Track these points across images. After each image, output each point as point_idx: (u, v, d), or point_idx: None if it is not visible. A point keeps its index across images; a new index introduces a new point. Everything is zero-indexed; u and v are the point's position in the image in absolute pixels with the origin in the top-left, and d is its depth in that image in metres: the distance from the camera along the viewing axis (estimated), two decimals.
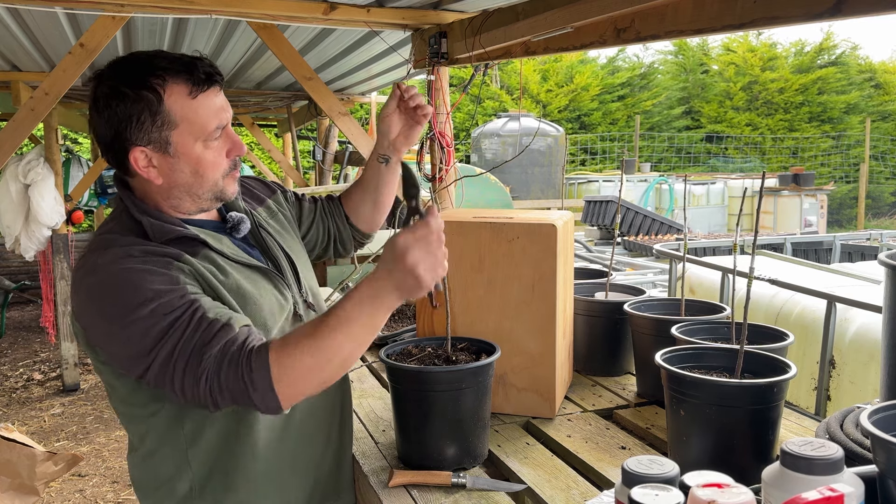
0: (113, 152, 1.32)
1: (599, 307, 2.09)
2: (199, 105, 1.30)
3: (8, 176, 5.67)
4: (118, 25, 3.17)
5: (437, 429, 1.50)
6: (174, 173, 1.32)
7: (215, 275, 1.33)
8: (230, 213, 1.46)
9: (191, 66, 1.29)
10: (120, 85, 1.28)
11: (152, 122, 1.28)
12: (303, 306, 1.51)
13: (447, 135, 3.45)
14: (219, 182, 1.36)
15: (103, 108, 1.29)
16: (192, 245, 1.34)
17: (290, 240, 1.60)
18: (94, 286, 1.26)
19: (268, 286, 1.42)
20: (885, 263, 1.46)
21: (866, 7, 1.46)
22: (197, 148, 1.31)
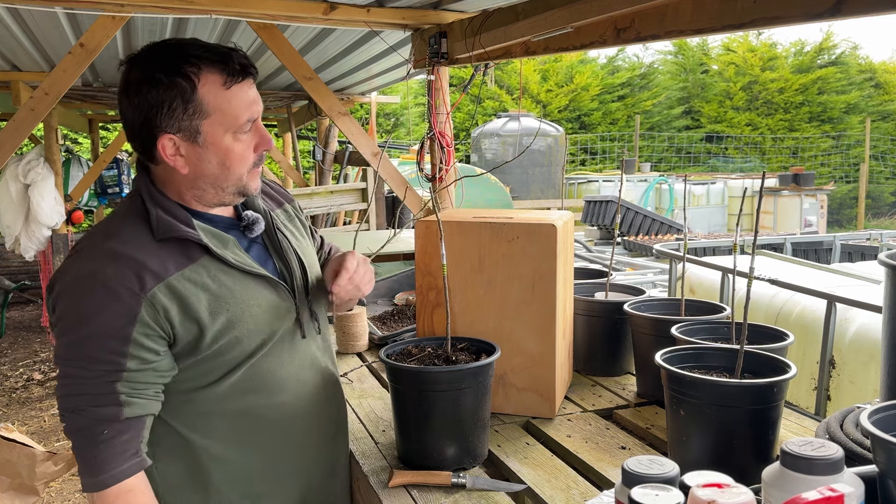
0: (140, 138, 1.30)
1: (599, 307, 2.09)
2: (233, 96, 1.28)
3: (8, 176, 5.67)
4: (118, 25, 3.16)
5: (437, 429, 1.50)
6: (201, 163, 1.31)
7: (207, 287, 1.31)
8: (246, 212, 1.44)
9: (226, 57, 1.28)
10: (154, 70, 1.26)
11: (184, 110, 1.26)
12: (306, 312, 1.49)
13: (447, 135, 3.45)
14: (243, 176, 1.35)
15: (134, 93, 1.27)
16: (193, 249, 1.32)
17: (307, 245, 1.57)
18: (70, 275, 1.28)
19: (268, 295, 1.39)
20: (885, 263, 1.46)
21: (866, 7, 1.46)
22: (227, 139, 1.30)
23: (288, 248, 1.48)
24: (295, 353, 1.45)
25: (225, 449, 1.39)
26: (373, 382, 2.14)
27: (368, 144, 3.90)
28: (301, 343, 1.47)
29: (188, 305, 1.28)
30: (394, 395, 1.56)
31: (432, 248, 1.79)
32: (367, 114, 10.26)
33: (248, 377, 1.38)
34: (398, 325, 2.56)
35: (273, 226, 1.47)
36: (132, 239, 1.29)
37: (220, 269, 1.33)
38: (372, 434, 1.75)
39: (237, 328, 1.34)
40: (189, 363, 1.34)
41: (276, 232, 1.47)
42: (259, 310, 1.37)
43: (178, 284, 1.28)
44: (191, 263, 1.30)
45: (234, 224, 1.42)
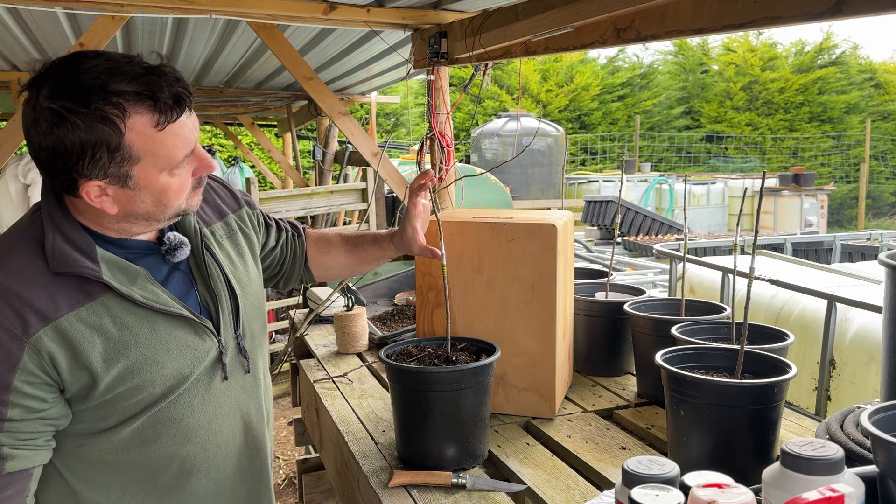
0: (59, 178, 1.12)
1: (599, 307, 2.09)
2: (167, 136, 1.11)
3: (8, 176, 5.67)
4: (118, 25, 3.16)
5: (438, 429, 1.49)
6: (133, 203, 1.15)
7: (105, 330, 1.15)
8: (169, 234, 1.26)
9: (155, 88, 1.08)
10: (68, 110, 1.05)
11: (110, 159, 1.09)
12: (233, 350, 1.32)
13: (447, 135, 3.45)
14: (182, 204, 1.21)
15: (45, 133, 1.08)
16: (92, 287, 1.15)
17: (241, 268, 1.39)
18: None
19: (182, 335, 1.23)
20: (885, 263, 1.46)
21: (866, 7, 1.46)
22: (161, 179, 1.14)
23: (217, 274, 1.30)
24: (210, 398, 1.29)
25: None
26: (373, 382, 2.14)
27: (368, 144, 3.90)
28: (220, 386, 1.30)
29: (78, 352, 1.13)
30: (394, 396, 1.56)
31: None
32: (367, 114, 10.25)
33: (149, 425, 1.23)
34: (398, 325, 2.56)
35: (202, 248, 1.29)
36: (21, 271, 1.12)
37: (123, 308, 1.17)
38: (372, 434, 1.75)
39: (137, 376, 1.18)
40: (82, 408, 1.19)
41: (203, 256, 1.29)
42: (168, 355, 1.21)
43: (69, 327, 1.12)
44: (89, 302, 1.14)
45: (152, 248, 1.25)
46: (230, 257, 1.37)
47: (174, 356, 1.22)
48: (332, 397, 2.01)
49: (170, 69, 1.12)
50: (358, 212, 7.52)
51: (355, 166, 7.79)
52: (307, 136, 9.88)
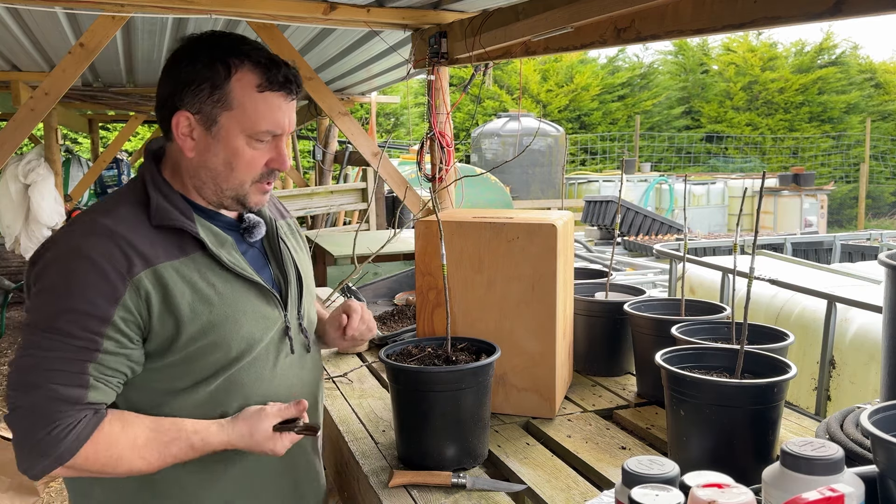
0: (163, 110, 1.29)
1: (599, 307, 2.09)
2: (262, 101, 1.25)
3: (8, 176, 5.67)
4: (118, 25, 3.17)
5: (437, 429, 1.49)
6: (207, 153, 1.27)
7: (194, 284, 1.25)
8: (247, 216, 1.39)
9: (273, 65, 1.26)
10: (200, 51, 1.26)
11: (209, 95, 1.24)
12: (296, 328, 1.42)
13: (447, 135, 3.45)
14: (245, 184, 1.30)
15: (173, 65, 1.27)
16: (187, 241, 1.27)
17: (305, 259, 1.53)
18: (58, 249, 1.22)
19: (256, 302, 1.33)
20: (885, 263, 1.46)
21: (866, 7, 1.46)
22: (239, 140, 1.27)
23: (287, 257, 1.43)
24: (277, 371, 1.38)
25: (184, 470, 1.29)
26: (373, 382, 2.14)
27: (368, 144, 3.90)
28: (285, 360, 1.39)
29: (170, 298, 1.23)
30: (394, 396, 1.56)
31: (432, 248, 1.79)
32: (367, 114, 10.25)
33: (222, 389, 1.30)
34: (398, 325, 2.56)
35: (275, 233, 1.43)
36: (127, 220, 1.24)
37: (210, 268, 1.28)
38: (372, 434, 1.75)
39: (216, 332, 1.27)
40: (162, 364, 1.26)
41: (277, 239, 1.42)
42: (244, 318, 1.30)
43: (166, 273, 1.23)
44: (182, 256, 1.26)
45: (234, 225, 1.38)
46: (296, 248, 1.50)
47: (249, 319, 1.31)
48: (332, 397, 2.01)
49: (293, 68, 1.29)
50: (358, 212, 7.53)
51: (355, 166, 7.80)
52: (307, 136, 9.88)
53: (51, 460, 1.16)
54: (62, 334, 1.17)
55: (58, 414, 1.16)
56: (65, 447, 1.16)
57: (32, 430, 1.16)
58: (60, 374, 1.17)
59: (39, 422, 1.16)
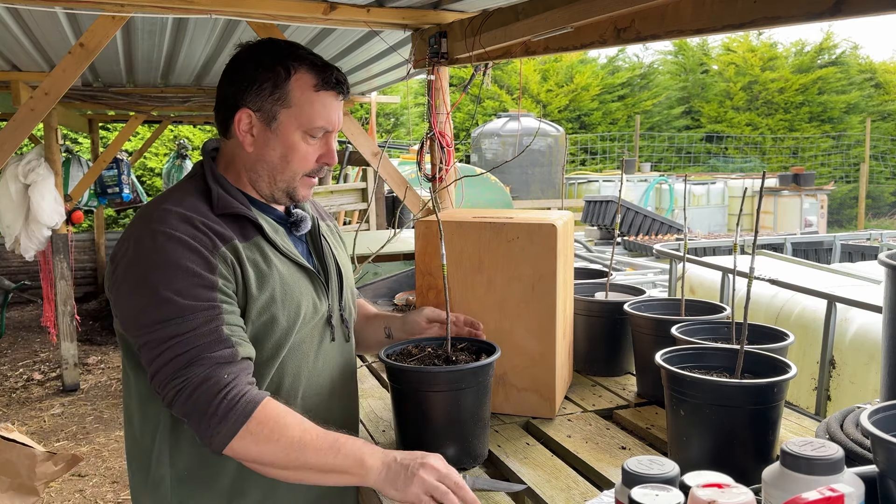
0: (224, 109, 1.40)
1: (599, 307, 2.09)
2: (317, 100, 1.37)
3: (8, 176, 5.67)
4: (118, 25, 3.16)
5: (437, 429, 1.49)
6: (266, 148, 1.38)
7: (257, 264, 1.35)
8: (295, 209, 1.51)
9: (327, 68, 1.39)
10: (261, 55, 1.38)
11: (271, 93, 1.36)
12: (338, 318, 1.52)
13: (447, 135, 3.45)
14: (297, 177, 1.41)
15: (237, 68, 1.39)
16: (248, 228, 1.38)
17: (344, 256, 1.64)
18: (141, 237, 1.30)
19: (308, 287, 1.44)
20: (885, 263, 1.46)
21: (866, 7, 1.46)
22: (296, 136, 1.38)
23: (329, 253, 1.54)
24: (320, 354, 1.47)
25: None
26: (373, 382, 2.14)
27: (368, 144, 3.90)
28: (328, 346, 1.50)
29: (244, 272, 1.33)
30: (394, 396, 1.56)
31: (432, 248, 1.79)
32: (367, 114, 10.25)
33: (277, 370, 1.39)
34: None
35: (318, 229, 1.53)
36: (195, 208, 1.34)
37: (269, 251, 1.39)
38: (372, 434, 1.75)
39: (276, 308, 1.36)
40: None
41: (320, 236, 1.53)
42: (301, 297, 1.41)
43: (239, 250, 1.33)
44: (245, 241, 1.36)
45: (283, 219, 1.49)
46: (335, 246, 1.61)
47: (304, 300, 1.42)
48: None
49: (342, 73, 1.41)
50: (358, 212, 7.53)
51: (355, 166, 7.79)
52: None
53: (229, 425, 1.20)
54: (185, 312, 1.24)
55: (224, 378, 1.23)
56: (239, 410, 1.21)
57: (207, 400, 1.21)
58: (207, 343, 1.24)
59: (211, 389, 1.22)
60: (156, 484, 1.39)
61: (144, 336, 1.25)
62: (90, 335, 7.37)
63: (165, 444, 1.37)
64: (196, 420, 1.22)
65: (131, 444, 1.45)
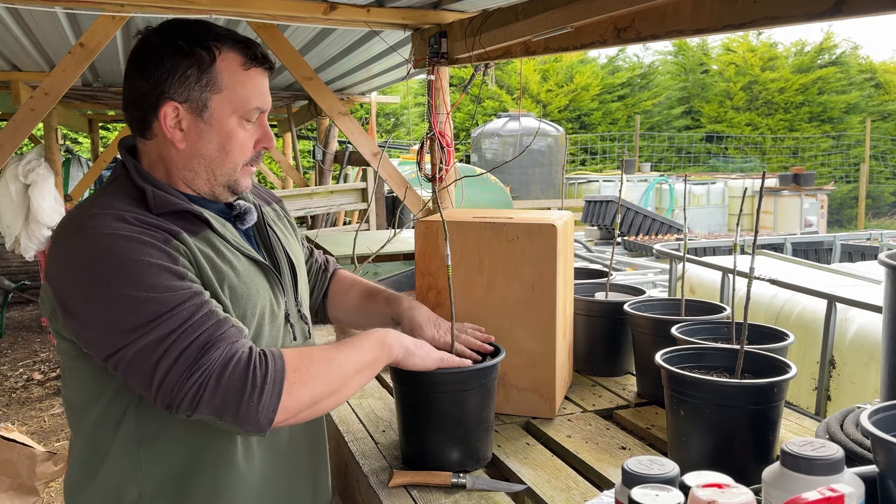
0: (142, 106, 1.24)
1: (599, 307, 2.09)
2: (248, 79, 1.26)
3: (8, 176, 5.67)
4: (118, 25, 3.17)
5: (441, 431, 1.49)
6: (200, 141, 1.25)
7: (211, 260, 1.23)
8: (238, 202, 1.37)
9: (249, 42, 1.28)
10: (176, 38, 1.23)
11: (197, 80, 1.22)
12: (296, 315, 1.42)
13: (447, 135, 3.45)
14: (237, 168, 1.29)
15: (149, 57, 1.23)
16: (194, 223, 1.25)
17: (294, 245, 1.52)
18: (79, 248, 1.14)
19: (264, 284, 1.32)
20: (885, 263, 1.46)
21: (866, 7, 1.46)
22: (232, 121, 1.26)
23: (277, 244, 1.43)
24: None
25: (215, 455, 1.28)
26: (373, 382, 2.14)
27: (368, 144, 3.90)
28: (291, 346, 1.38)
29: (200, 267, 1.21)
30: (397, 397, 1.56)
31: (432, 248, 1.79)
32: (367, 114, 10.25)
33: None
34: None
35: (263, 220, 1.42)
36: (129, 209, 1.19)
37: (222, 245, 1.27)
38: (372, 434, 1.75)
39: (235, 305, 1.25)
40: None
41: (266, 227, 1.42)
42: (257, 294, 1.30)
43: (191, 244, 1.21)
44: (193, 236, 1.23)
45: (225, 212, 1.35)
46: (283, 233, 1.50)
47: (261, 298, 1.31)
48: None
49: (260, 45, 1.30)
50: (358, 212, 7.53)
51: (355, 166, 7.79)
52: (307, 136, 9.88)
53: (271, 393, 1.11)
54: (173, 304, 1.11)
55: (245, 351, 1.13)
56: (273, 372, 1.12)
57: (239, 379, 1.10)
58: (212, 325, 1.13)
59: (238, 366, 1.10)
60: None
61: (130, 347, 1.10)
62: None
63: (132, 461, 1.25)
64: (234, 407, 1.09)
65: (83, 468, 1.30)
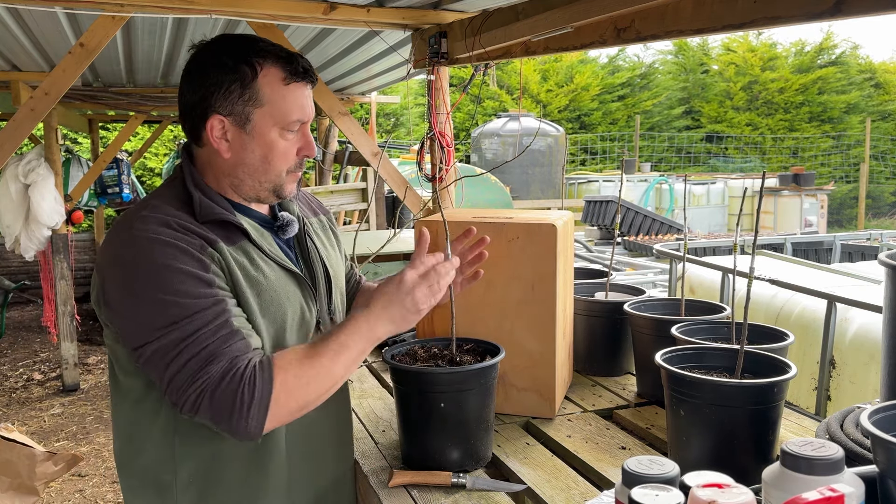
0: (192, 117, 1.33)
1: (599, 307, 2.09)
2: (289, 93, 1.32)
3: (8, 176, 5.66)
4: (118, 25, 3.16)
5: (441, 431, 1.49)
6: (244, 151, 1.33)
7: (244, 268, 1.31)
8: (282, 213, 1.46)
9: (292, 57, 1.33)
10: (222, 55, 1.31)
11: (240, 95, 1.30)
12: (327, 323, 1.48)
13: (447, 135, 3.44)
14: (282, 174, 1.36)
15: (198, 72, 1.32)
16: (233, 232, 1.33)
17: (335, 257, 1.58)
18: (125, 246, 1.25)
19: (296, 293, 1.40)
20: (885, 263, 1.46)
21: (866, 7, 1.46)
22: (273, 133, 1.33)
23: (315, 256, 1.49)
24: None
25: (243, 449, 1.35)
26: (373, 382, 2.14)
27: (368, 144, 3.90)
28: None
29: (233, 275, 1.29)
30: (397, 397, 1.56)
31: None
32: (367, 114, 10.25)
33: None
34: None
35: (305, 232, 1.48)
36: (176, 215, 1.29)
37: (258, 255, 1.35)
38: (372, 434, 1.75)
39: (263, 311, 1.33)
40: None
41: (306, 238, 1.48)
42: (288, 303, 1.37)
43: (226, 253, 1.29)
44: (231, 245, 1.32)
45: (268, 222, 1.44)
46: (325, 245, 1.55)
47: (291, 307, 1.38)
48: None
49: (305, 58, 1.36)
50: (358, 212, 7.52)
51: (355, 166, 7.79)
52: None
53: (258, 405, 1.19)
54: (193, 311, 1.21)
55: (241, 367, 1.20)
56: (261, 386, 1.19)
57: (232, 392, 1.18)
58: (220, 338, 1.21)
59: (233, 382, 1.19)
60: (160, 493, 1.36)
61: (150, 345, 1.21)
62: (90, 335, 7.37)
63: (167, 451, 1.34)
64: (227, 417, 1.19)
65: (125, 455, 1.41)
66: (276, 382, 1.20)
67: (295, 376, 1.22)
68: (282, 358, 1.24)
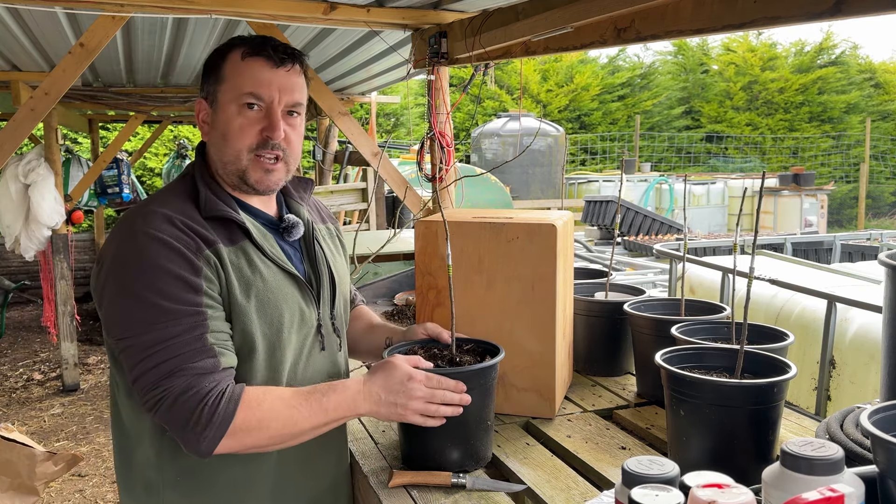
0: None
1: (599, 307, 2.09)
2: (246, 67, 1.35)
3: (8, 176, 5.66)
4: (118, 25, 3.16)
5: (441, 431, 1.49)
6: (213, 130, 1.38)
7: (241, 269, 1.33)
8: (287, 215, 1.48)
9: (261, 40, 1.38)
10: (215, 51, 1.41)
11: (212, 77, 1.38)
12: (329, 328, 1.49)
13: (447, 135, 3.44)
14: (241, 155, 1.36)
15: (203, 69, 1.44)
16: (234, 231, 1.35)
17: (340, 263, 1.60)
18: (126, 239, 1.28)
19: (294, 295, 1.40)
20: (885, 263, 1.46)
21: (866, 7, 1.46)
22: (230, 109, 1.35)
23: (322, 259, 1.50)
24: (310, 365, 1.45)
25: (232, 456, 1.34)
26: None
27: (368, 144, 3.90)
28: (318, 355, 1.47)
29: (228, 277, 1.31)
30: None
31: (432, 248, 1.79)
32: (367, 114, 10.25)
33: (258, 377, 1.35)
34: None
35: (312, 235, 1.50)
36: (182, 210, 1.32)
37: (257, 257, 1.36)
38: (372, 434, 1.75)
39: (258, 313, 1.34)
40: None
41: (313, 241, 1.50)
42: (285, 305, 1.38)
43: (223, 254, 1.31)
44: (231, 245, 1.34)
45: (274, 223, 1.46)
46: (331, 251, 1.57)
47: (288, 309, 1.38)
48: None
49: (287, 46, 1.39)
50: (358, 212, 7.53)
51: (355, 166, 7.80)
52: (307, 136, 9.85)
53: (214, 430, 1.21)
54: (171, 316, 1.23)
55: (205, 387, 1.22)
56: (222, 413, 1.21)
57: (189, 409, 1.21)
58: (190, 352, 1.23)
59: (192, 399, 1.21)
60: (148, 490, 1.37)
61: (127, 339, 1.24)
62: (90, 335, 7.37)
63: (155, 449, 1.35)
64: (179, 429, 1.22)
65: (119, 450, 1.44)
66: (238, 418, 1.23)
67: (258, 420, 1.25)
68: (255, 397, 1.26)
